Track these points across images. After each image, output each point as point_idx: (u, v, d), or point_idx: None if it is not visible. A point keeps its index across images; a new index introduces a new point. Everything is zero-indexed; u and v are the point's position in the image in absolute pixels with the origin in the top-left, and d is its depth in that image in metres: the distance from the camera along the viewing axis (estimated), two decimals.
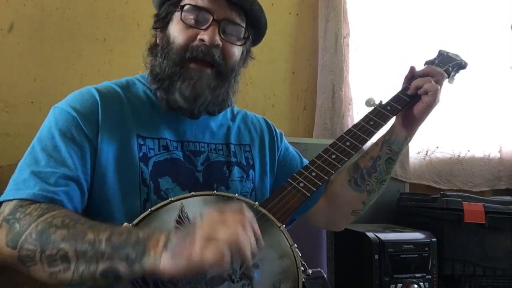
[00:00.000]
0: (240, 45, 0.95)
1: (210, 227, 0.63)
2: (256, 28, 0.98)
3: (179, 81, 0.88)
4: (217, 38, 0.88)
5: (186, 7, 0.89)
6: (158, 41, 0.95)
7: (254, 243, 0.64)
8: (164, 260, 0.63)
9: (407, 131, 1.00)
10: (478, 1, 2.11)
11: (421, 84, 0.98)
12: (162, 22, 0.93)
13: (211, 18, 0.89)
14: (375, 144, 1.04)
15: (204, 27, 0.89)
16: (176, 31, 0.90)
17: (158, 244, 0.65)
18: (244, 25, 0.94)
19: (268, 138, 1.08)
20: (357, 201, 1.04)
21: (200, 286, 0.71)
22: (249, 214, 0.67)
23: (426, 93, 0.96)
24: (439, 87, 0.97)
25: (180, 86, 0.88)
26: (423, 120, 1.00)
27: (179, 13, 0.90)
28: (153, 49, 0.96)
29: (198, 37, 0.88)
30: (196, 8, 0.89)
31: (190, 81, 0.87)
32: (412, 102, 1.00)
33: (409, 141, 1.02)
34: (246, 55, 1.00)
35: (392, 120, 1.01)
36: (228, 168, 0.96)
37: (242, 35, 0.94)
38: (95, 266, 0.66)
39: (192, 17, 0.89)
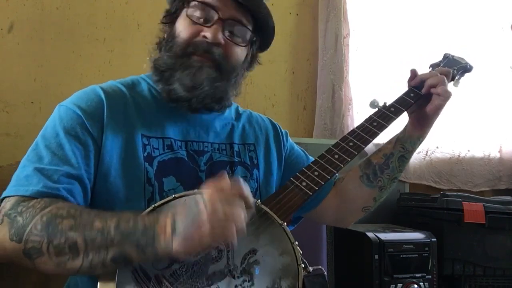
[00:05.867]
0: (244, 46, 0.95)
1: (214, 209, 0.66)
2: (264, 33, 0.98)
3: (179, 71, 0.89)
4: (220, 36, 0.89)
5: (192, 3, 0.91)
6: (165, 36, 0.96)
7: (246, 216, 0.69)
8: (176, 244, 0.66)
9: (420, 131, 1.03)
10: (478, 1, 2.10)
11: (435, 83, 0.99)
12: (171, 17, 0.95)
13: (216, 16, 0.89)
14: (389, 141, 1.06)
15: (208, 25, 0.90)
16: (182, 27, 0.91)
17: (166, 229, 0.67)
18: (250, 27, 0.94)
19: (274, 138, 1.08)
20: (369, 197, 1.05)
21: (201, 281, 0.71)
22: (245, 187, 0.70)
23: (438, 95, 0.98)
24: (451, 93, 0.98)
25: (180, 75, 0.88)
26: (434, 120, 1.02)
27: (186, 9, 0.91)
28: (159, 44, 0.97)
29: (201, 33, 0.89)
30: (202, 5, 0.90)
31: (191, 70, 0.88)
32: (419, 103, 1.01)
33: (422, 140, 1.04)
34: (252, 59, 1.00)
35: (396, 121, 1.01)
36: (231, 168, 0.96)
37: (247, 37, 0.94)
38: (105, 253, 0.67)
39: (198, 14, 0.90)
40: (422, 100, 1.01)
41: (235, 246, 0.70)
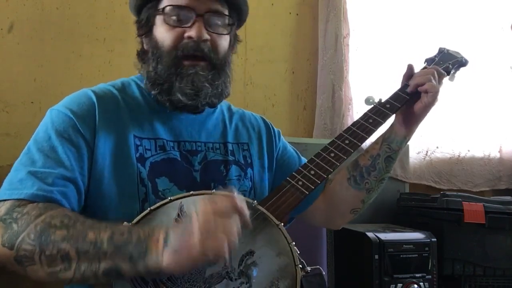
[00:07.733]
0: (227, 34, 0.95)
1: (206, 220, 0.65)
2: (238, 10, 0.97)
3: (177, 81, 0.88)
4: (204, 32, 0.89)
5: (166, 9, 0.89)
6: (146, 47, 0.96)
7: (239, 231, 0.68)
8: (166, 257, 0.64)
9: (406, 130, 1.01)
10: (478, 1, 2.10)
11: (422, 82, 0.98)
12: (145, 27, 0.94)
13: (193, 14, 0.89)
14: (375, 142, 1.04)
15: (188, 25, 0.89)
16: (162, 34, 0.90)
17: (159, 242, 0.66)
18: (227, 12, 0.94)
19: (266, 137, 1.08)
20: (356, 200, 1.05)
21: (198, 285, 0.71)
22: (239, 201, 0.69)
23: (426, 92, 0.97)
24: (440, 88, 0.98)
25: (179, 85, 0.88)
26: (422, 119, 1.00)
27: (161, 15, 0.90)
28: (143, 55, 0.96)
29: (185, 34, 0.89)
30: (176, 7, 0.89)
31: (188, 78, 0.88)
32: (411, 100, 1.00)
33: (408, 140, 1.03)
34: (234, 41, 1.00)
35: (392, 118, 1.01)
36: (225, 167, 0.96)
37: (227, 23, 0.94)
38: (97, 265, 0.67)
39: (174, 17, 0.89)
40: (416, 96, 1.00)
41: (227, 262, 0.68)
